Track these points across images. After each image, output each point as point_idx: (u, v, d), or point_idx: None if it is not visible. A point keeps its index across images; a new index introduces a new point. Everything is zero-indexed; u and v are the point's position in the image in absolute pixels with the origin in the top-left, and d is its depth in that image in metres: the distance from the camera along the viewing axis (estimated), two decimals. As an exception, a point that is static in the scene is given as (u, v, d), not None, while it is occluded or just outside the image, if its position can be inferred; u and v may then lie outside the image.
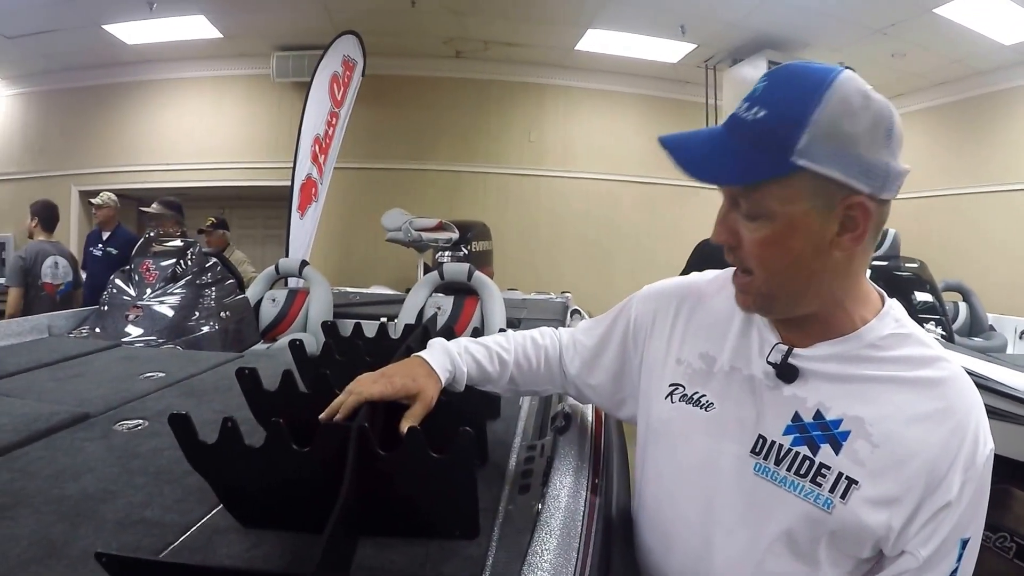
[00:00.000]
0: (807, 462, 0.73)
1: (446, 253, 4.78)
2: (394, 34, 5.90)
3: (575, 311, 2.91)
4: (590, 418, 1.22)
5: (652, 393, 0.90)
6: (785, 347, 0.77)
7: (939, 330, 3.29)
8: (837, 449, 0.72)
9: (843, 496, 0.70)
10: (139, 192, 6.70)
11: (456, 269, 2.86)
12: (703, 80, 6.53)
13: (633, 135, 6.92)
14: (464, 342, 1.02)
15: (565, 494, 0.85)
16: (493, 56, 6.46)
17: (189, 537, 0.80)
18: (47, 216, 3.82)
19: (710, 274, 0.94)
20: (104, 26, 5.61)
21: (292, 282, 3.68)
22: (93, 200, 4.72)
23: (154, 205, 4.03)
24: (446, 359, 0.94)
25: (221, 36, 5.93)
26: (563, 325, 2.39)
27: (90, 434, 1.15)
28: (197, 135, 6.72)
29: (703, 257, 3.49)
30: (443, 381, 0.91)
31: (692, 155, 0.74)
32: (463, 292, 2.92)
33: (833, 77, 0.67)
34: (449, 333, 1.32)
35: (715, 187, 0.75)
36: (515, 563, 0.71)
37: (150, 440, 1.14)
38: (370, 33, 5.41)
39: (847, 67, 0.69)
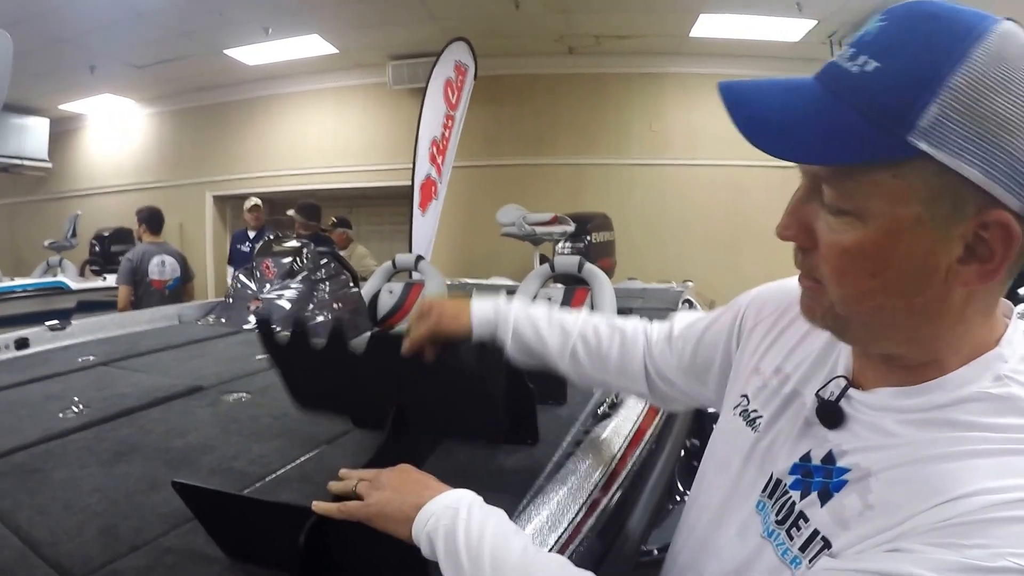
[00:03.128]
0: (791, 507, 0.58)
1: (566, 245, 4.84)
2: (504, 36, 5.99)
3: (687, 300, 2.82)
4: (635, 417, 1.25)
5: (727, 401, 0.78)
6: (843, 382, 0.60)
7: None
8: (825, 500, 0.55)
9: (812, 561, 0.53)
10: (271, 195, 7.31)
11: (566, 261, 2.91)
12: (829, 57, 6.06)
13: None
14: (521, 302, 0.99)
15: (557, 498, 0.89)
16: (607, 50, 6.35)
17: (263, 484, 0.94)
18: (153, 221, 4.23)
19: None
20: (225, 51, 6.15)
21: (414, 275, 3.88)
22: (247, 209, 5.23)
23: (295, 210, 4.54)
24: (488, 306, 0.96)
25: (336, 51, 6.32)
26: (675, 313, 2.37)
27: (201, 402, 1.34)
28: (322, 142, 7.22)
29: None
30: (473, 322, 0.94)
31: (762, 114, 0.52)
32: (575, 283, 2.98)
33: (987, 27, 0.45)
34: None
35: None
36: None
37: (250, 408, 1.31)
38: (480, 36, 5.53)
39: (1009, 19, 0.47)
